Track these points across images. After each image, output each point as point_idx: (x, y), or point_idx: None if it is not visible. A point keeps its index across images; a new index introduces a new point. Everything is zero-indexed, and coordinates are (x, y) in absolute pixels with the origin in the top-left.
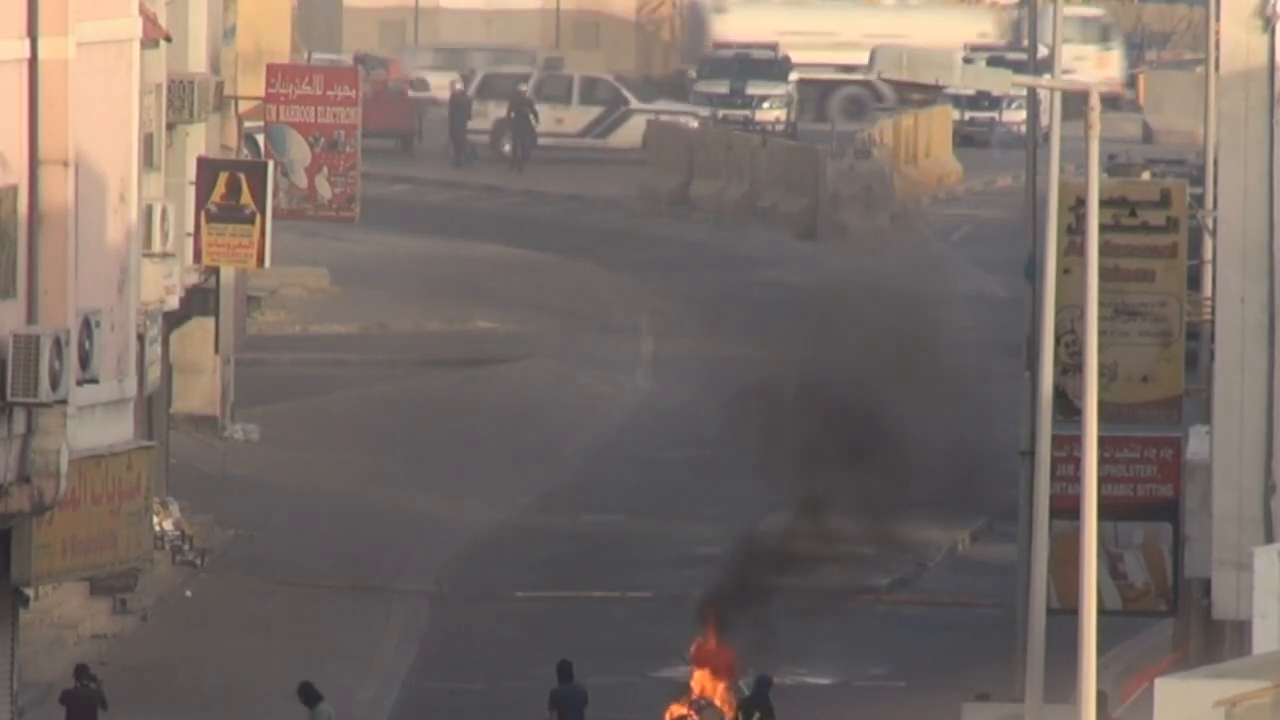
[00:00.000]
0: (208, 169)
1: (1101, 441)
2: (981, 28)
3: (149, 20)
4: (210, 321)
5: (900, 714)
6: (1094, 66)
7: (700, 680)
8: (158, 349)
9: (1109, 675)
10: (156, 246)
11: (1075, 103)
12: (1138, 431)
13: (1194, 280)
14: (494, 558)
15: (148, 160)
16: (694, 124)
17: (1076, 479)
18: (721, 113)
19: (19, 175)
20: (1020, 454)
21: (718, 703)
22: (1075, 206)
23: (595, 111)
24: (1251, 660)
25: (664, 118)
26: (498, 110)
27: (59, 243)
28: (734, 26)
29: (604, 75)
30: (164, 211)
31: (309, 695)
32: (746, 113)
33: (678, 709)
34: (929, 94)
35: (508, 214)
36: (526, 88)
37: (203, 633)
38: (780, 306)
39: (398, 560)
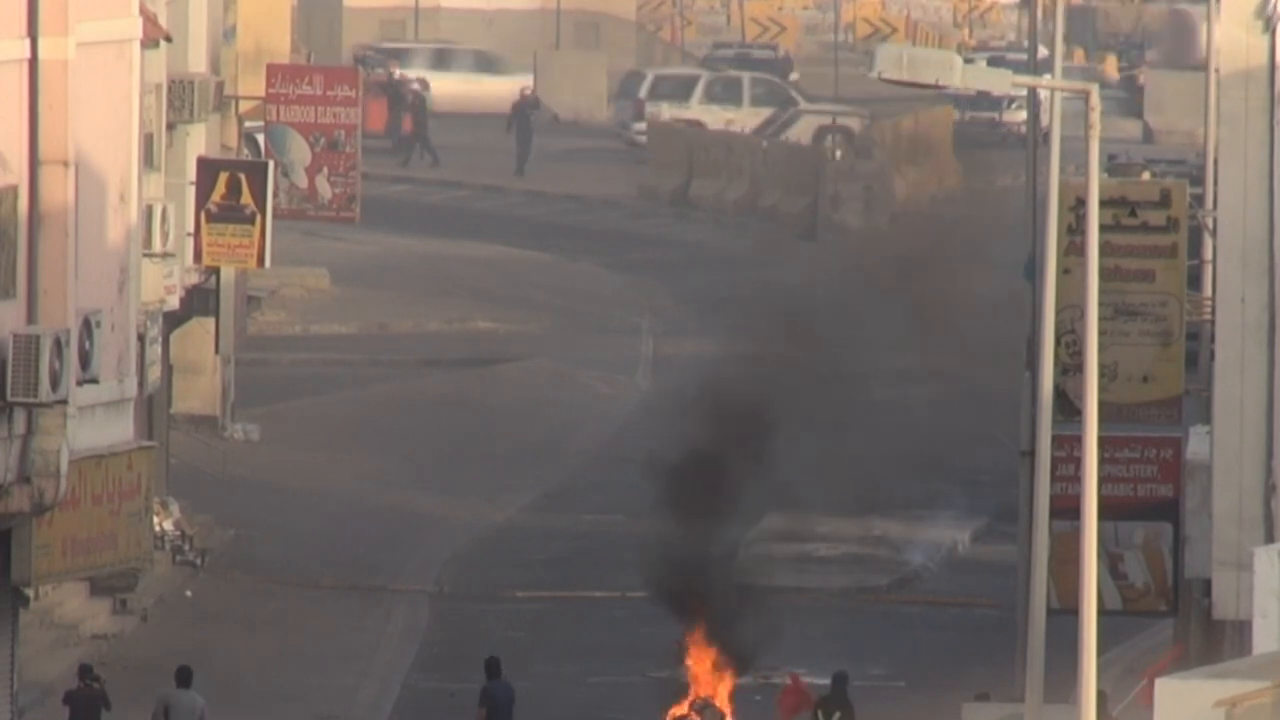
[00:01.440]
0: (208, 169)
1: (1101, 441)
2: None
3: (149, 20)
4: (210, 321)
5: (900, 714)
6: None
7: (701, 680)
8: (158, 349)
9: (1109, 675)
10: (156, 246)
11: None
12: (1138, 431)
13: (1194, 280)
14: (494, 558)
15: (148, 160)
16: (858, 126)
17: (1076, 479)
18: None
19: (19, 175)
20: (1020, 454)
21: (718, 703)
22: (1075, 206)
23: (765, 113)
24: (1251, 660)
25: (834, 120)
26: (671, 110)
27: (59, 243)
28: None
29: (772, 77)
30: (164, 211)
31: (183, 678)
32: None
33: (677, 709)
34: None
35: (508, 214)
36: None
37: (203, 633)
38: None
39: (398, 560)
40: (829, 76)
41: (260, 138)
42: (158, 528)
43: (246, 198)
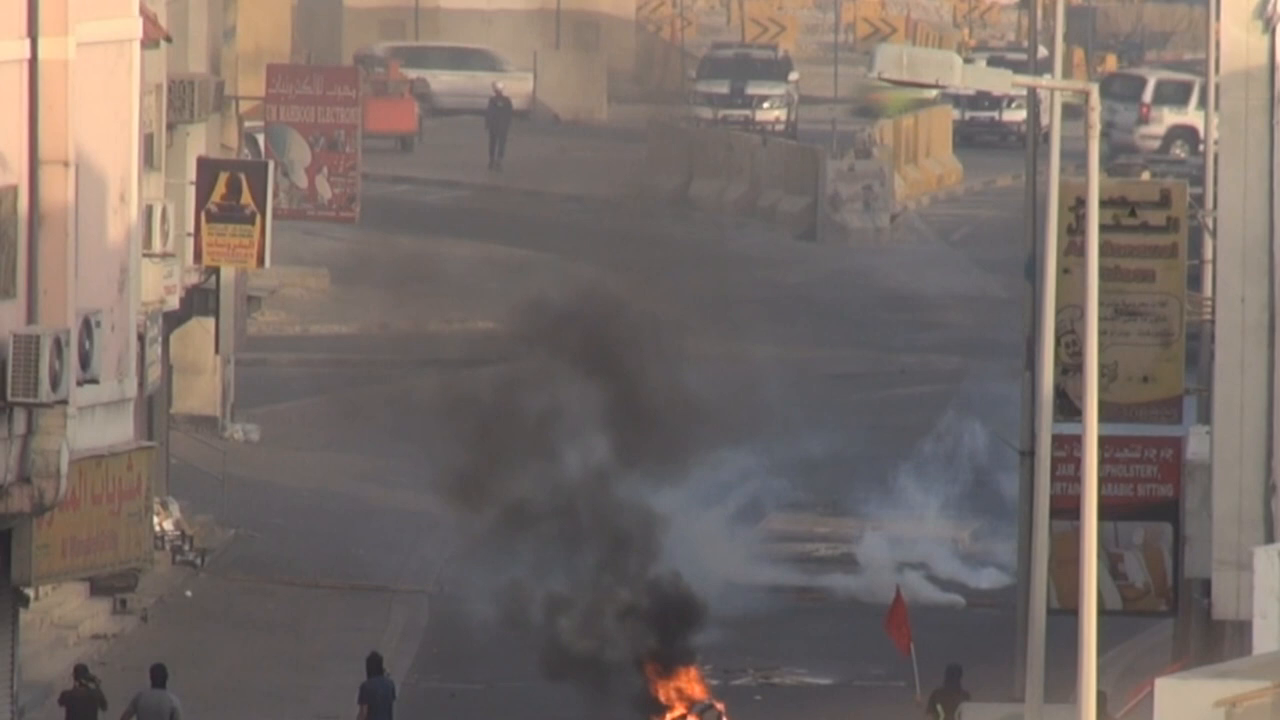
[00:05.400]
0: (208, 169)
1: (1101, 441)
2: None
3: (149, 20)
4: (210, 321)
5: (900, 714)
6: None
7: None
8: (158, 349)
9: (1109, 675)
10: (156, 246)
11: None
12: (1138, 431)
13: (1194, 280)
14: (494, 558)
15: (148, 160)
16: None
17: (1076, 479)
18: (721, 113)
19: (19, 175)
20: (1020, 454)
21: (719, 706)
22: (1075, 206)
23: None
24: (1251, 660)
25: None
26: (1172, 116)
27: (59, 243)
28: None
29: None
30: (164, 211)
31: (157, 677)
32: (746, 113)
33: (672, 711)
34: None
35: (507, 214)
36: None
37: (203, 633)
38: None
39: (398, 560)
40: (829, 76)
41: (260, 138)
42: (158, 528)
43: (246, 198)
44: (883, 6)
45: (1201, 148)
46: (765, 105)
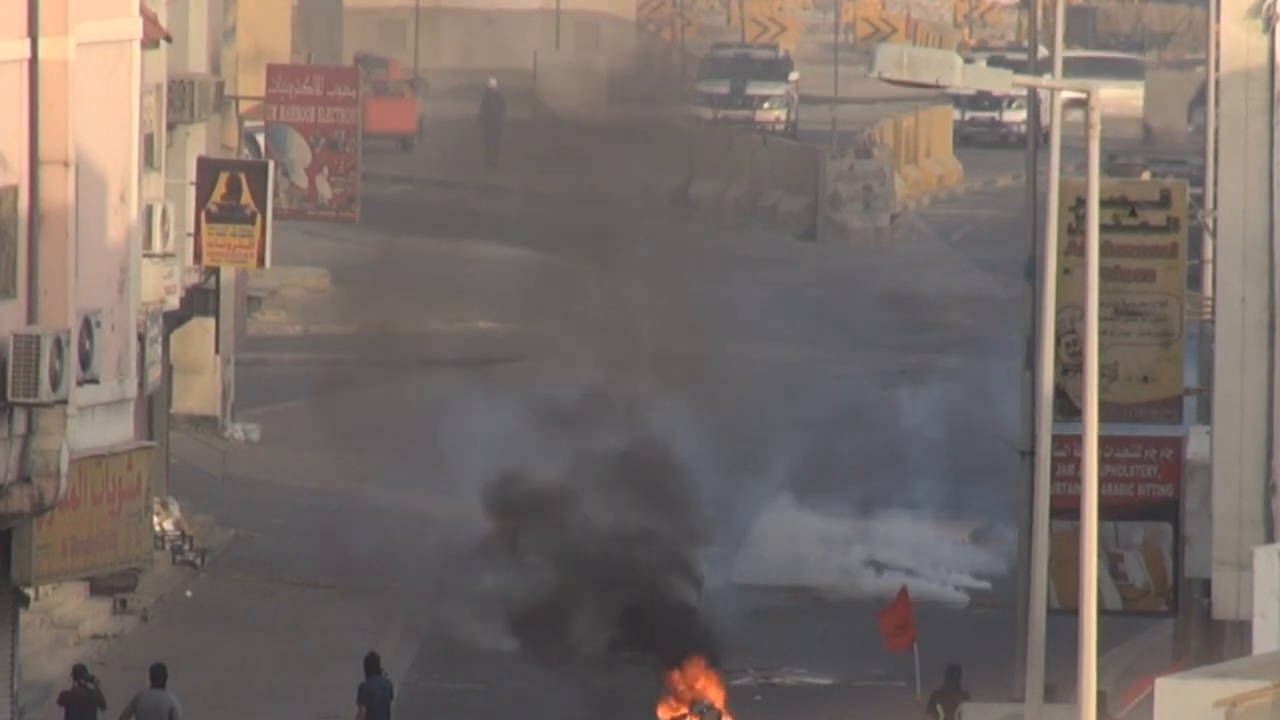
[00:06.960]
0: (208, 169)
1: (1101, 441)
2: None
3: (149, 20)
4: (210, 321)
5: (900, 714)
6: None
7: (688, 684)
8: (158, 349)
9: (1109, 675)
10: (156, 246)
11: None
12: (1138, 431)
13: (1194, 280)
14: (494, 558)
15: (148, 160)
16: None
17: (1076, 479)
18: (721, 113)
19: (19, 175)
20: (1020, 454)
21: (719, 705)
22: (1075, 206)
23: None
24: (1251, 660)
25: None
26: None
27: (59, 243)
28: None
29: None
30: (164, 211)
31: (157, 677)
32: (747, 113)
33: (672, 710)
34: None
35: (508, 214)
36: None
37: (203, 633)
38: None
39: (398, 560)
40: (829, 76)
41: (260, 138)
42: (158, 528)
43: (246, 198)
44: (883, 6)
45: None
46: (765, 105)
